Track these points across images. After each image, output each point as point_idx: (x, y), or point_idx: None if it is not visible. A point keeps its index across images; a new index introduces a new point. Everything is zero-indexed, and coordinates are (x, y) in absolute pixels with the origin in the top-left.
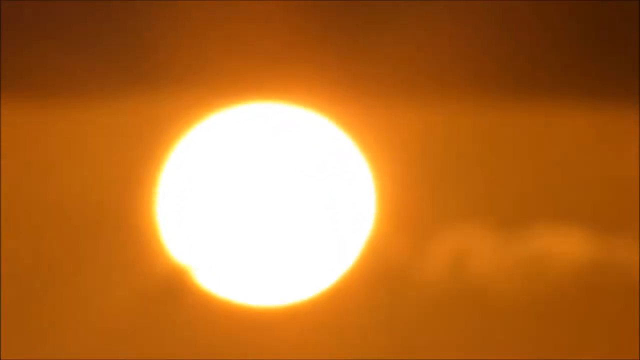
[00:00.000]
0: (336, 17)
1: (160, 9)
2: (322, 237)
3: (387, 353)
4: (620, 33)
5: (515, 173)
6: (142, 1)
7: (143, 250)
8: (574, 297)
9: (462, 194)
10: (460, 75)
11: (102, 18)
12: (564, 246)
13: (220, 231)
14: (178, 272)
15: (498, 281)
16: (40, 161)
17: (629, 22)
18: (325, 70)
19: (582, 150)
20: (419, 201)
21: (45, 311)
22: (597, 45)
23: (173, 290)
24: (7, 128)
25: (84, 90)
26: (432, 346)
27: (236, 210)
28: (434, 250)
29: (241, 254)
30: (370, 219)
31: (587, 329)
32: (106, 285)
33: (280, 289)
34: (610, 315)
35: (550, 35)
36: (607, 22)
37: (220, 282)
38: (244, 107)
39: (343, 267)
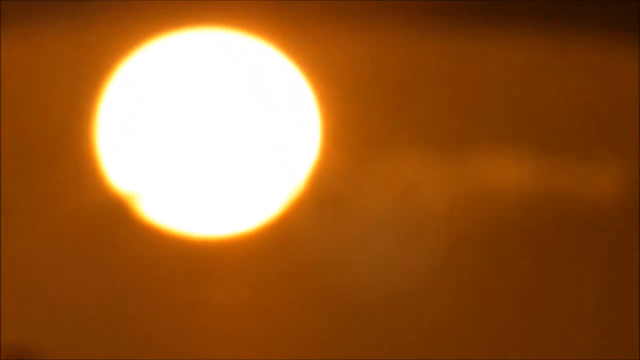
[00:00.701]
0: None
1: None
2: (266, 165)
3: (334, 280)
4: None
5: (462, 99)
6: None
7: (85, 179)
8: (521, 224)
9: (408, 119)
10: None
11: None
12: (510, 172)
13: (163, 159)
14: (120, 201)
15: (443, 207)
16: None
17: None
18: None
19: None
20: (363, 127)
21: None
22: None
23: (115, 220)
24: None
25: (22, 19)
26: (378, 271)
27: (179, 138)
28: (380, 177)
29: (185, 183)
30: (314, 146)
31: (534, 258)
32: (47, 215)
33: (224, 218)
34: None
35: None
36: None
37: (163, 211)
38: (187, 33)
39: (288, 195)
